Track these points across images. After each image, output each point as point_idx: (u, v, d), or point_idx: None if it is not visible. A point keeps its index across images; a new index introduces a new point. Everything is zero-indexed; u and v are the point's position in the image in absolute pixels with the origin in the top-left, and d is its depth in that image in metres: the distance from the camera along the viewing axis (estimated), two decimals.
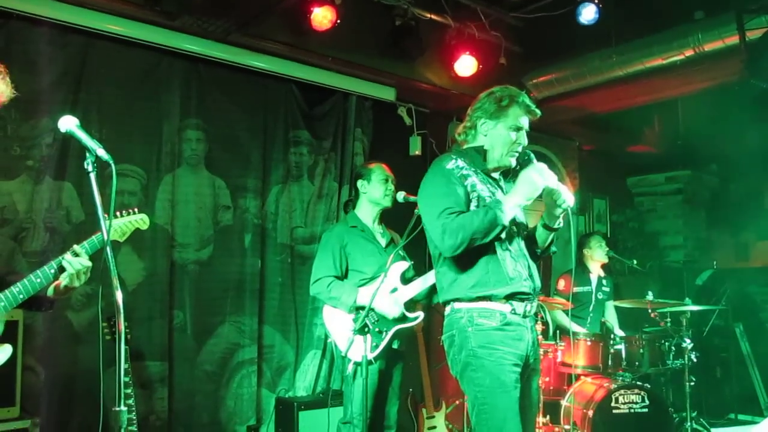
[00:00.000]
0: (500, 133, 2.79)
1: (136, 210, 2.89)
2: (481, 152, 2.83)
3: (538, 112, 2.85)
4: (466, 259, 2.67)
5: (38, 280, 2.51)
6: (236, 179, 4.78)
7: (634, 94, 5.85)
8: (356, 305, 3.71)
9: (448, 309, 2.78)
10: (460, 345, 2.68)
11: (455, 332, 2.70)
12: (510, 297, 2.67)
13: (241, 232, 4.78)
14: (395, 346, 3.82)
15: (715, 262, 7.55)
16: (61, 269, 2.53)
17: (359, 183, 4.05)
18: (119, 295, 1.94)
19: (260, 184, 4.89)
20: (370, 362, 3.58)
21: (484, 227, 2.57)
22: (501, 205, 2.61)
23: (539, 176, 2.65)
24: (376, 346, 3.71)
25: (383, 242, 4.02)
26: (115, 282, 1.96)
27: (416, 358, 4.82)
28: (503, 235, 2.67)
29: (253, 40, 4.55)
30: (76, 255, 2.54)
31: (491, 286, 2.65)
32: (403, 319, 3.77)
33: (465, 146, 2.89)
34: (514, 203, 2.65)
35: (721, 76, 5.20)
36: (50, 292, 2.59)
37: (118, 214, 2.81)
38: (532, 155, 2.77)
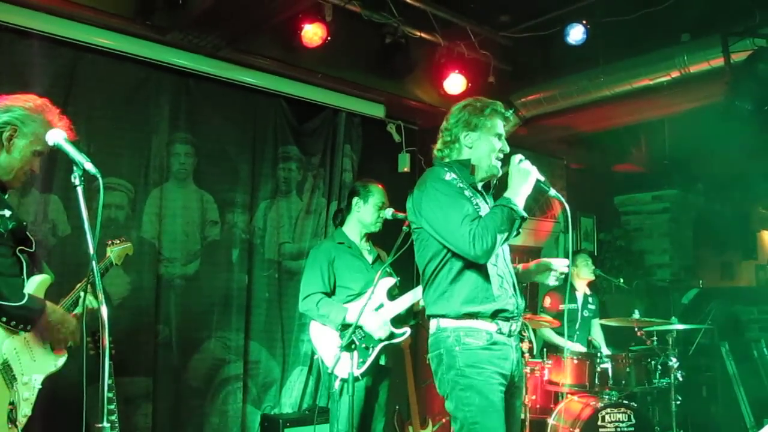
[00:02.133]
0: (486, 143, 2.82)
1: (122, 240, 3.35)
2: (468, 166, 2.84)
3: (512, 118, 2.91)
4: (455, 274, 2.68)
5: None
6: (224, 194, 4.77)
7: (621, 114, 5.91)
8: (345, 323, 3.70)
9: (433, 326, 2.75)
10: (449, 364, 2.66)
11: (443, 351, 2.69)
12: (495, 315, 2.67)
13: (229, 247, 4.76)
14: (382, 362, 3.81)
15: (701, 281, 7.60)
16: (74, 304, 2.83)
17: (354, 200, 4.03)
18: (104, 310, 1.93)
19: (248, 199, 4.88)
20: (356, 379, 3.57)
21: (507, 223, 2.60)
22: (510, 201, 2.65)
23: (525, 164, 2.73)
24: (363, 363, 3.69)
25: (370, 259, 4.02)
26: (100, 296, 1.96)
27: (403, 375, 4.81)
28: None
29: (243, 55, 4.57)
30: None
31: (478, 303, 2.66)
32: (389, 335, 3.77)
33: (447, 161, 2.89)
34: (518, 195, 2.68)
35: (707, 97, 5.26)
36: None
37: (110, 242, 3.27)
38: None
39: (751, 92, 4.46)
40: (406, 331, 3.82)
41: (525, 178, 2.70)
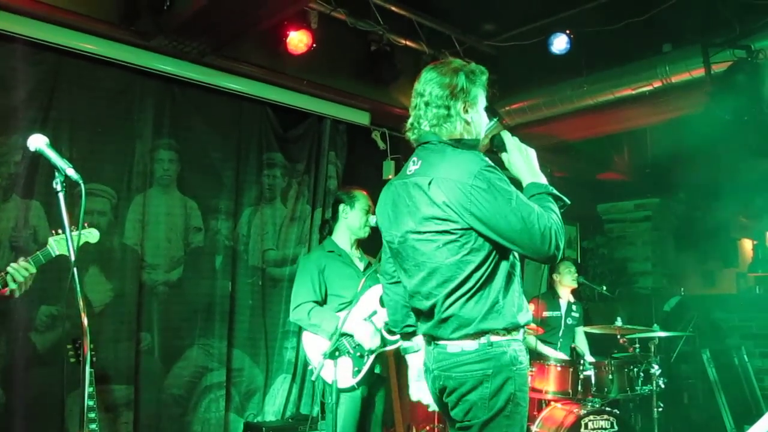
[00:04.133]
0: (481, 120, 2.42)
1: (86, 225, 3.07)
2: (478, 148, 2.39)
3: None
4: (505, 281, 2.27)
5: None
6: (208, 200, 4.74)
7: (604, 123, 5.97)
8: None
9: (473, 344, 2.24)
10: (498, 387, 2.22)
11: (492, 371, 2.22)
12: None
13: (212, 253, 4.73)
14: (377, 370, 3.77)
15: (682, 289, 7.66)
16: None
17: (341, 207, 4.01)
18: (84, 317, 1.91)
19: (232, 205, 4.86)
20: (353, 388, 3.55)
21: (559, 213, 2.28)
22: (549, 188, 2.33)
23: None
24: (358, 371, 3.65)
25: (361, 266, 3.98)
26: (81, 304, 1.94)
27: (387, 382, 4.79)
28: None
29: (228, 62, 4.55)
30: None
31: (525, 312, 2.31)
32: (382, 343, 3.74)
33: (451, 138, 2.38)
34: (538, 176, 2.38)
35: (688, 106, 5.33)
36: None
37: (55, 231, 2.93)
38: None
39: (731, 102, 4.52)
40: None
41: (532, 156, 2.40)
